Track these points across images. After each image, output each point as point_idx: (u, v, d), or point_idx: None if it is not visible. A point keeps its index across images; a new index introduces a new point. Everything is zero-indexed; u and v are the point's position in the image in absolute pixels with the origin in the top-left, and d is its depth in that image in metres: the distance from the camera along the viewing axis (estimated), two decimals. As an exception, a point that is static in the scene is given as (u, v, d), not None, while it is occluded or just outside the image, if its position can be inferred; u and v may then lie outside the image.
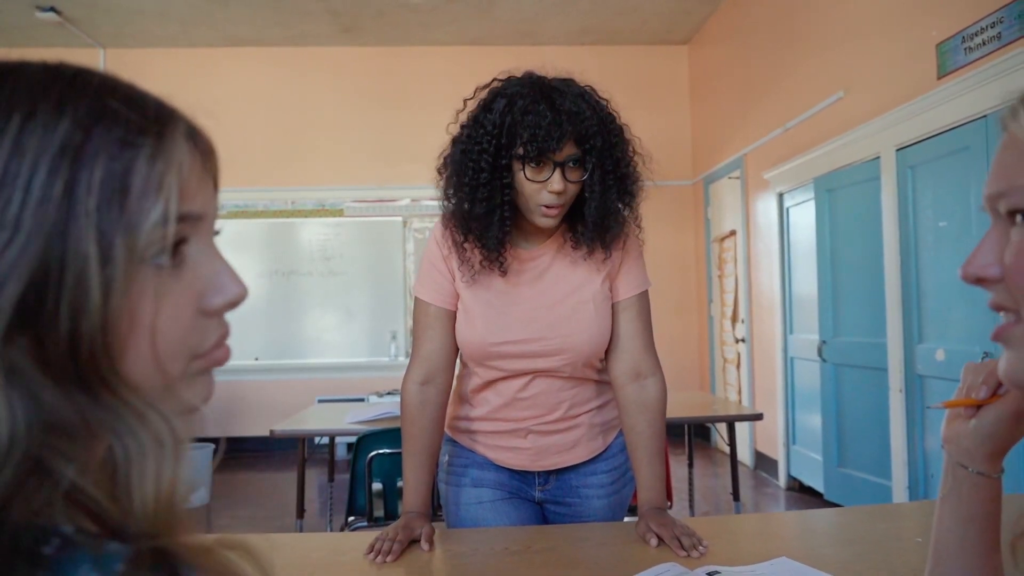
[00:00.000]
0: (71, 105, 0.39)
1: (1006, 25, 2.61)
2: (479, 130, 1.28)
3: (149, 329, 0.40)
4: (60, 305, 0.36)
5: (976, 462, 0.68)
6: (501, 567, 1.20)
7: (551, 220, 1.31)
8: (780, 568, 1.12)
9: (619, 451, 1.49)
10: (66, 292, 0.36)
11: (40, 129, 0.37)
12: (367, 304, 6.09)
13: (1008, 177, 0.50)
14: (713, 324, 5.88)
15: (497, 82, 1.33)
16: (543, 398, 1.41)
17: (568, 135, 1.24)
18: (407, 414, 1.40)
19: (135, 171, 0.39)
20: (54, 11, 5.16)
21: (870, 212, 3.56)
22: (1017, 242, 0.49)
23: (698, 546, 1.21)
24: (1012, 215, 0.50)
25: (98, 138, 0.38)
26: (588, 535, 1.34)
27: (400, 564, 1.23)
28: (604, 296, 1.40)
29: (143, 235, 0.39)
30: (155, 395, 0.40)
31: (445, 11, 5.42)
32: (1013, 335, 0.51)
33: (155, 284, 0.41)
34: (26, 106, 0.37)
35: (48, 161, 0.37)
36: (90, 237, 0.37)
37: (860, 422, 3.77)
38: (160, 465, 0.38)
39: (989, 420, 0.67)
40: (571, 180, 1.28)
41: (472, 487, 1.45)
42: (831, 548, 1.28)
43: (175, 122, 0.43)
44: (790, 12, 4.39)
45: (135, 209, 0.39)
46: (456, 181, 1.31)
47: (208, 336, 0.45)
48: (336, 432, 3.05)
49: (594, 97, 1.31)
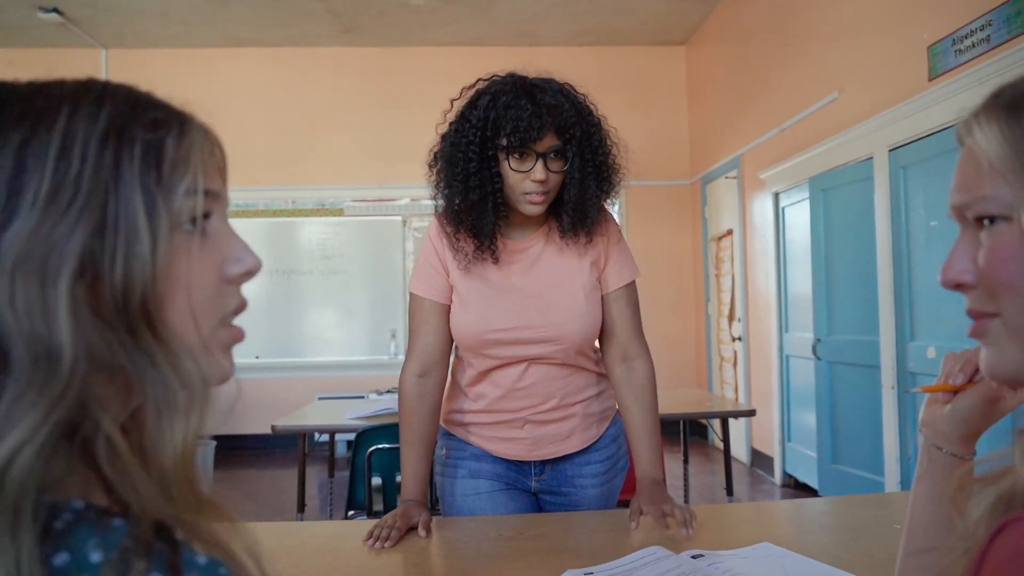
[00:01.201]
0: (109, 99, 0.46)
1: (995, 28, 2.65)
2: (465, 125, 1.36)
3: (185, 286, 0.46)
4: (116, 252, 0.43)
5: (951, 444, 0.73)
6: (495, 552, 1.24)
7: (536, 208, 1.38)
8: (761, 552, 1.16)
9: (612, 441, 1.54)
10: (120, 241, 0.43)
11: (86, 117, 0.44)
12: (367, 303, 6.14)
13: (971, 189, 0.54)
14: (710, 323, 5.92)
15: (482, 82, 1.41)
16: (539, 387, 1.45)
17: (548, 127, 1.32)
18: (405, 405, 1.45)
19: (166, 147, 0.46)
20: (56, 12, 5.20)
21: (863, 212, 3.60)
22: (989, 244, 0.53)
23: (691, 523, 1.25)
24: (980, 220, 0.54)
25: (134, 121, 0.46)
26: (580, 522, 1.39)
27: (398, 550, 1.27)
28: (593, 285, 1.46)
29: (177, 201, 0.46)
30: (191, 347, 0.46)
31: (445, 12, 5.47)
32: (989, 331, 0.55)
33: (186, 248, 0.47)
34: (71, 101, 0.45)
35: (97, 138, 0.44)
36: (137, 196, 0.44)
37: (853, 419, 3.82)
38: (187, 414, 0.44)
39: (964, 405, 0.72)
40: (552, 170, 1.36)
41: (469, 478, 1.50)
42: (814, 535, 1.33)
43: (191, 117, 0.50)
44: (786, 13, 4.44)
45: (169, 178, 0.46)
46: (447, 174, 1.39)
47: (230, 302, 0.51)
48: (336, 428, 3.08)
49: (572, 92, 1.40)
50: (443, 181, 1.41)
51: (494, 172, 1.36)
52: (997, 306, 0.53)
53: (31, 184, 0.41)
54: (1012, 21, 2.57)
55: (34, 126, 0.43)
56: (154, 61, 5.96)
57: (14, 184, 0.41)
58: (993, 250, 0.52)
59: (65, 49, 5.88)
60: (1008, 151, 0.49)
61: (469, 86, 1.42)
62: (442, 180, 1.41)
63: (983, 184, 0.51)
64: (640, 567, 1.10)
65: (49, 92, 0.45)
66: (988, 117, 0.52)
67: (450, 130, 1.40)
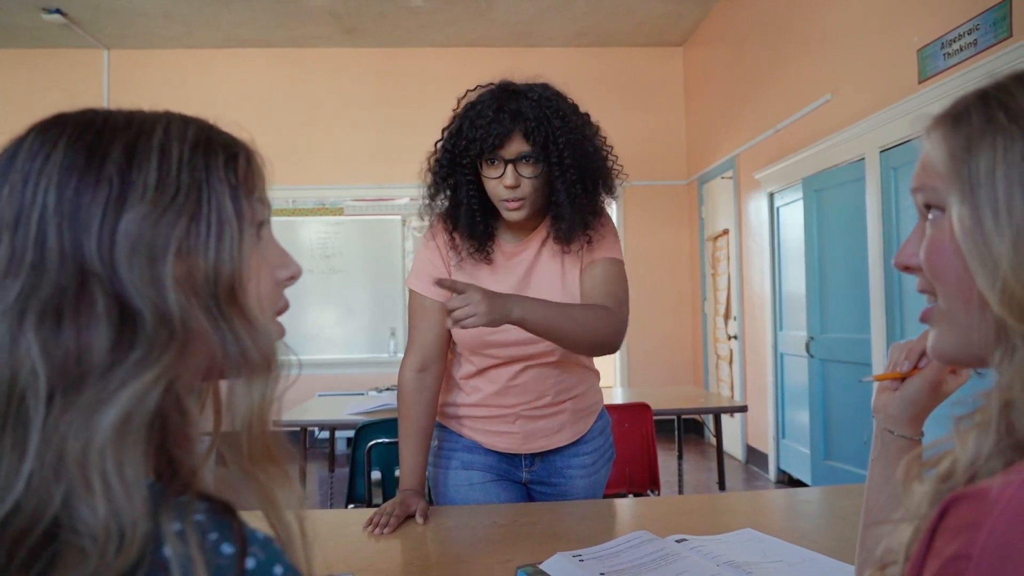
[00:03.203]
0: (192, 121, 0.55)
1: (982, 32, 2.71)
2: (447, 134, 1.44)
3: (255, 276, 0.55)
4: (209, 239, 0.51)
5: (900, 427, 0.80)
6: (489, 537, 1.30)
7: (515, 213, 1.42)
8: (743, 537, 1.22)
9: (599, 434, 1.59)
10: (213, 230, 0.51)
11: (177, 130, 0.53)
12: (367, 301, 6.20)
13: (920, 178, 0.60)
14: (707, 321, 5.98)
15: (471, 92, 1.45)
16: (533, 385, 1.51)
17: (510, 133, 1.35)
18: (405, 399, 1.51)
19: (240, 160, 0.55)
20: (60, 13, 5.25)
21: (855, 212, 3.66)
22: (929, 236, 0.59)
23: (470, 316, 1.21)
24: (927, 209, 0.60)
25: (215, 137, 0.55)
26: (570, 511, 1.45)
27: (396, 536, 1.33)
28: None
29: (252, 205, 0.55)
30: (264, 324, 0.54)
31: (444, 13, 5.52)
32: (933, 316, 0.61)
33: (253, 247, 0.55)
34: (163, 120, 0.54)
35: (189, 146, 0.52)
36: (225, 195, 0.52)
37: (845, 416, 3.88)
38: (264, 383, 0.52)
39: (911, 390, 0.79)
40: (524, 175, 1.39)
41: (462, 470, 1.55)
42: (795, 521, 1.39)
43: (250, 143, 0.60)
44: (780, 17, 4.49)
45: (246, 185, 0.55)
46: (435, 182, 1.46)
47: (280, 301, 0.60)
48: (336, 424, 3.13)
49: (554, 98, 1.41)
50: (433, 187, 1.47)
51: (468, 180, 1.41)
52: (936, 292, 0.59)
53: (139, 179, 0.49)
54: (998, 26, 2.63)
55: (137, 134, 0.51)
56: (156, 62, 6.00)
57: (126, 178, 0.49)
58: (931, 241, 0.58)
59: (68, 50, 5.93)
60: (947, 156, 0.55)
61: (463, 96, 1.47)
62: (432, 186, 1.47)
63: (932, 177, 0.58)
64: (626, 549, 1.15)
65: (142, 113, 0.54)
66: (936, 125, 0.59)
67: (440, 138, 1.47)
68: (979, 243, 0.51)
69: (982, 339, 0.54)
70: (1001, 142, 0.52)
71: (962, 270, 0.53)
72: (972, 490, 0.44)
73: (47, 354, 0.44)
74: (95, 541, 0.42)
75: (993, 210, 0.51)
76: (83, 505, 0.42)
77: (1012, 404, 0.48)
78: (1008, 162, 0.51)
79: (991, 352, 0.52)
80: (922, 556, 0.45)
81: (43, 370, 0.44)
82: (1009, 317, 0.49)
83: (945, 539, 0.44)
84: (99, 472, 0.43)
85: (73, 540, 0.42)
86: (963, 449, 0.50)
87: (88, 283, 0.46)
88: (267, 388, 0.53)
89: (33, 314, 0.45)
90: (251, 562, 0.45)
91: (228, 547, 0.45)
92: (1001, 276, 0.49)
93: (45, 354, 0.44)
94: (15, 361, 0.44)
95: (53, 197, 0.47)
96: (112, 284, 0.46)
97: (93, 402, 0.44)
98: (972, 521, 0.42)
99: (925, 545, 0.46)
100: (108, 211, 0.47)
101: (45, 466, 0.42)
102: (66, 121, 0.51)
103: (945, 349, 0.60)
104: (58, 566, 0.41)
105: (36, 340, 0.44)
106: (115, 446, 0.44)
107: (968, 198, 0.52)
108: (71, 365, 0.44)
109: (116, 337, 0.46)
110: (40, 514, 0.42)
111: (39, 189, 0.47)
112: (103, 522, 0.42)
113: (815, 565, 1.10)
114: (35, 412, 0.43)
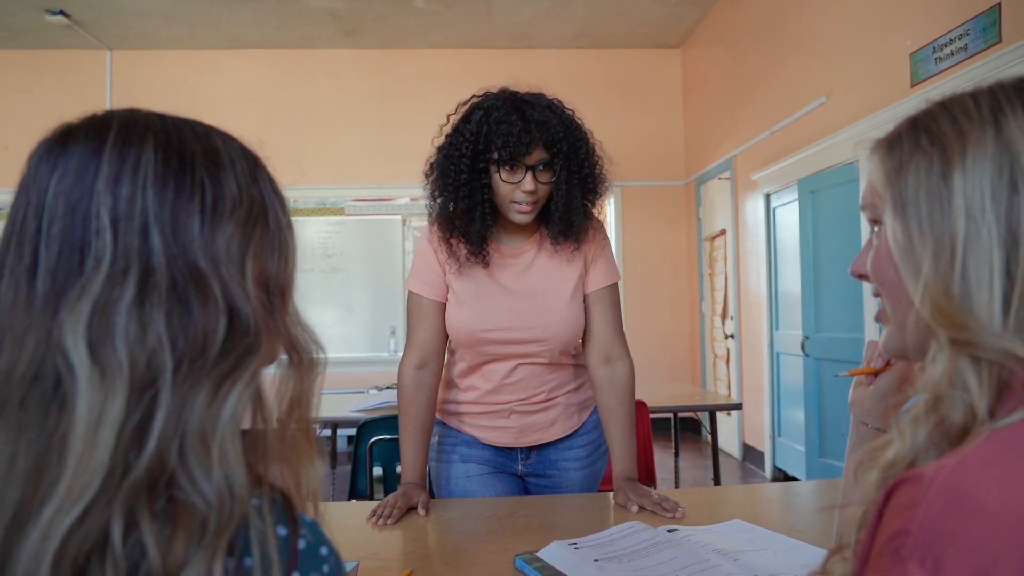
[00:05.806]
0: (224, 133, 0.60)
1: (972, 37, 2.76)
2: (459, 138, 1.47)
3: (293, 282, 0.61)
4: (274, 248, 0.57)
5: (874, 419, 0.85)
6: (489, 529, 1.35)
7: (525, 216, 1.48)
8: (732, 528, 1.27)
9: (593, 428, 1.65)
10: (276, 241, 0.58)
11: (230, 146, 0.58)
12: (367, 300, 6.25)
13: (866, 196, 0.66)
14: (704, 321, 6.03)
15: (475, 98, 1.50)
16: (526, 382, 1.56)
17: (537, 141, 1.42)
18: (405, 395, 1.56)
19: (275, 177, 0.61)
20: (63, 14, 5.30)
21: (849, 213, 3.71)
22: (875, 248, 0.65)
23: (677, 508, 1.36)
24: (873, 223, 0.65)
25: (252, 150, 0.60)
26: (566, 503, 1.50)
27: (399, 527, 1.38)
28: (578, 287, 1.56)
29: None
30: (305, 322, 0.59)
31: (444, 15, 5.57)
32: (883, 317, 0.67)
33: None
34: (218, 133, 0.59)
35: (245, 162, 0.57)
36: (280, 210, 0.59)
37: (839, 413, 3.93)
38: (308, 375, 0.57)
39: (884, 384, 0.85)
40: (541, 181, 1.46)
41: (461, 463, 1.61)
42: (783, 513, 1.44)
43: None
44: (776, 20, 4.54)
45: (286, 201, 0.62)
46: (440, 183, 1.49)
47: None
48: (338, 420, 3.17)
49: (561, 108, 1.49)
50: (437, 189, 1.50)
51: (484, 183, 1.45)
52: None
53: (226, 190, 0.54)
54: (988, 31, 2.68)
55: (208, 144, 0.55)
56: (158, 62, 6.05)
57: (216, 188, 0.54)
58: (875, 251, 0.64)
59: (71, 50, 5.97)
60: (884, 177, 0.61)
61: (464, 101, 1.52)
62: (436, 188, 1.50)
63: (874, 195, 0.64)
64: (620, 538, 1.20)
65: (194, 122, 0.58)
66: (876, 148, 0.65)
67: (445, 142, 1.50)
68: (908, 253, 0.57)
69: (917, 339, 0.59)
70: (924, 163, 0.58)
71: (897, 277, 0.59)
72: (912, 474, 0.49)
73: (175, 339, 0.49)
74: (208, 504, 0.46)
75: (918, 224, 0.56)
76: (198, 469, 0.47)
77: (941, 399, 0.54)
78: (929, 181, 0.57)
79: (925, 351, 0.58)
80: (871, 534, 0.50)
81: (171, 352, 0.48)
82: (931, 320, 0.55)
83: (889, 518, 0.49)
84: (218, 443, 0.48)
85: (187, 499, 0.47)
86: (902, 442, 0.56)
87: (203, 278, 0.51)
88: (311, 379, 0.58)
89: (160, 303, 0.49)
90: (301, 543, 0.50)
91: (283, 528, 0.50)
92: (923, 282, 0.55)
93: (173, 338, 0.49)
94: (148, 343, 0.48)
95: (153, 200, 0.50)
96: (219, 280, 0.51)
97: (217, 381, 0.49)
98: (911, 501, 0.48)
99: (874, 525, 0.51)
100: (206, 217, 0.52)
101: (172, 432, 0.47)
102: (145, 123, 0.54)
103: (890, 346, 0.66)
104: (180, 521, 0.46)
105: (166, 326, 0.49)
106: (231, 423, 0.49)
107: (899, 214, 0.58)
108: (197, 348, 0.49)
109: (229, 326, 0.51)
110: (162, 470, 0.47)
111: (136, 189, 0.50)
112: (216, 486, 0.47)
113: (799, 552, 1.15)
114: (163, 388, 0.48)
